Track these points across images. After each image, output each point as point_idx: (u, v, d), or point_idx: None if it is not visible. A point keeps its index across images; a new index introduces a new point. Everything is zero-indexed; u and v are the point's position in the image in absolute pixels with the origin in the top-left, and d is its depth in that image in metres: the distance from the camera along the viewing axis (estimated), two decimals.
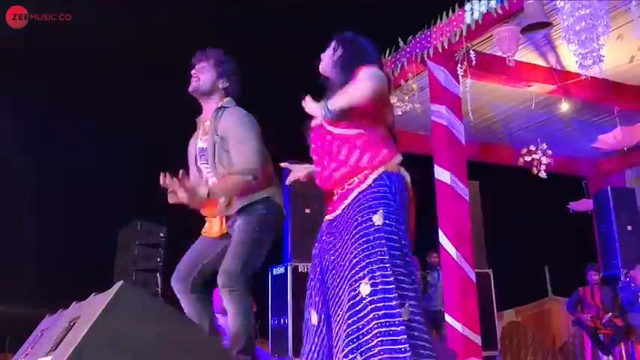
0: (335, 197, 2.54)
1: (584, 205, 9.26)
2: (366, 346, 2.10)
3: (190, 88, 2.99)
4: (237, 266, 2.78)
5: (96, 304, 1.98)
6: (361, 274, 2.21)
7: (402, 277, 2.23)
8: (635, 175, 9.92)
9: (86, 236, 8.33)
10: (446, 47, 6.50)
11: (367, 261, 2.23)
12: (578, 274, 7.56)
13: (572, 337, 7.36)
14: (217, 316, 5.23)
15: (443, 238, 6.06)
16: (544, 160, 8.04)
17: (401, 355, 2.06)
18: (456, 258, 5.85)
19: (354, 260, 2.26)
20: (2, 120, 8.35)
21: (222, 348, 2.25)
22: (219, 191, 2.85)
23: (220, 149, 2.92)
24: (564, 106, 7.38)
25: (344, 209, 2.46)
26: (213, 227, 3.05)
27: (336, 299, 2.33)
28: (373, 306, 2.14)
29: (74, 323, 2.04)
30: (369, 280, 2.18)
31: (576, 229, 9.28)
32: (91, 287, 2.39)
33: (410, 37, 7.10)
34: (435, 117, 6.48)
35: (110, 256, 7.86)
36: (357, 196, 2.42)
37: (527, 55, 6.90)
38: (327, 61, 2.68)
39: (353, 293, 2.19)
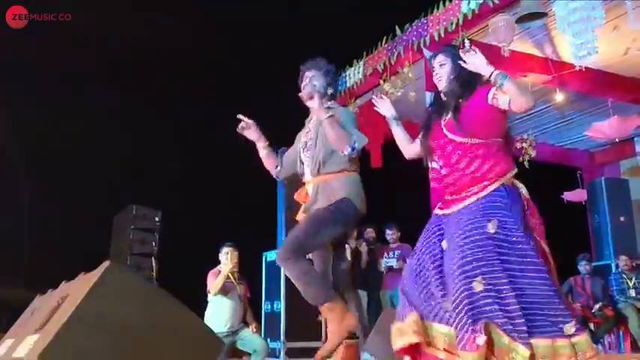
0: (448, 198, 2.82)
1: (578, 195, 9.29)
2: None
3: (307, 94, 3.21)
4: (294, 238, 3.07)
5: (83, 283, 2.02)
6: (472, 273, 2.50)
7: (515, 279, 2.51)
8: (630, 167, 9.96)
9: (82, 220, 8.38)
10: (442, 36, 6.51)
11: (477, 264, 2.51)
12: (570, 263, 7.60)
13: None
14: None
15: None
16: (530, 151, 8.09)
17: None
18: None
19: (466, 259, 2.54)
20: None
21: (210, 331, 2.29)
22: (330, 129, 3.08)
23: (322, 142, 3.21)
24: (559, 97, 7.40)
25: (456, 212, 2.74)
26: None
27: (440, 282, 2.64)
28: (484, 301, 2.46)
29: (62, 302, 2.08)
30: (482, 279, 2.48)
31: (570, 219, 9.32)
32: (86, 271, 2.42)
33: (407, 26, 7.12)
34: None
35: (106, 241, 7.91)
36: (473, 202, 2.69)
37: (523, 45, 6.91)
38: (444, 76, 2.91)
39: (466, 287, 2.49)
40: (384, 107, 3.14)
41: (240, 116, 3.43)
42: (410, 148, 3.09)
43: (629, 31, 6.37)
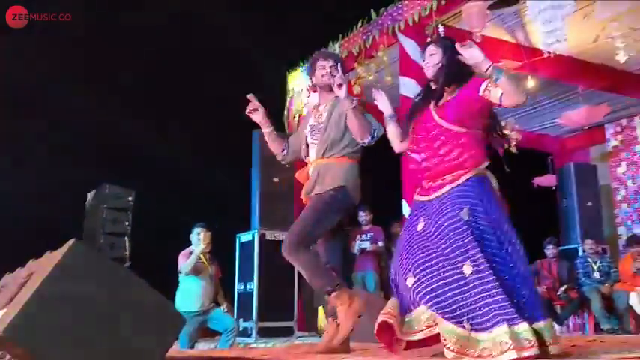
0: (426, 185, 2.94)
1: (549, 180, 9.47)
2: (474, 313, 2.55)
3: (326, 80, 3.40)
4: (298, 229, 3.23)
5: (48, 261, 2.06)
6: (460, 258, 2.64)
7: (497, 259, 2.66)
8: (599, 153, 10.17)
9: (55, 199, 8.35)
10: (416, 21, 6.57)
11: (464, 248, 2.64)
12: (539, 246, 7.77)
13: None
14: None
15: (406, 210, 6.20)
16: (514, 135, 8.20)
17: (505, 311, 2.51)
18: None
19: (453, 246, 2.67)
20: None
21: (175, 311, 2.35)
22: (355, 117, 3.24)
23: (334, 126, 3.36)
24: (531, 83, 7.51)
25: (434, 199, 2.86)
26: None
27: (424, 266, 2.73)
28: (475, 283, 2.59)
29: (28, 279, 2.12)
30: (471, 262, 2.62)
31: (541, 203, 9.50)
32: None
33: (382, 9, 7.16)
34: (403, 90, 6.55)
35: (80, 220, 7.88)
36: (447, 192, 2.81)
37: (496, 32, 7.00)
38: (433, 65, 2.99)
39: (456, 271, 2.63)
40: (382, 103, 3.21)
41: (249, 96, 3.49)
42: (401, 145, 3.18)
43: (599, 19, 6.49)
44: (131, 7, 7.44)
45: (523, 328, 2.48)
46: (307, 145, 3.53)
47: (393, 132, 3.20)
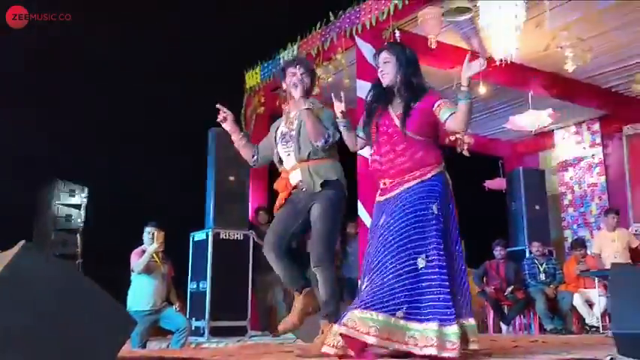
0: (388, 184, 3.06)
1: (499, 183, 9.73)
2: (415, 304, 2.73)
3: (300, 90, 3.46)
4: (323, 246, 3.37)
5: None
6: (418, 250, 2.80)
7: (453, 256, 2.88)
8: (547, 158, 10.48)
9: (6, 195, 8.14)
10: (374, 25, 6.66)
11: (424, 242, 2.81)
12: (489, 248, 7.96)
13: (480, 306, 7.80)
14: None
15: (361, 210, 6.29)
16: (466, 139, 8.39)
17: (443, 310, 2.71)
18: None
19: (411, 237, 2.82)
20: None
21: (125, 312, 2.35)
22: (308, 118, 3.36)
23: (305, 132, 3.44)
24: (483, 89, 7.70)
25: (396, 194, 2.99)
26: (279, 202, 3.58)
27: (380, 259, 2.86)
28: (427, 277, 2.76)
29: None
30: (425, 257, 2.79)
31: (491, 206, 9.73)
32: (6, 248, 2.43)
33: (340, 12, 7.23)
34: (360, 93, 6.62)
35: (31, 216, 7.72)
36: (417, 184, 2.96)
37: (451, 38, 7.15)
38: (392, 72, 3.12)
39: (410, 262, 2.78)
40: (339, 109, 3.29)
41: (219, 106, 3.61)
42: (355, 147, 3.33)
43: (550, 28, 6.69)
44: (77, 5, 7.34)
45: (452, 330, 2.68)
46: (279, 154, 3.60)
47: (349, 139, 3.31)
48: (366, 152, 6.34)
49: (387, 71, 3.12)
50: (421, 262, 2.78)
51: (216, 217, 6.66)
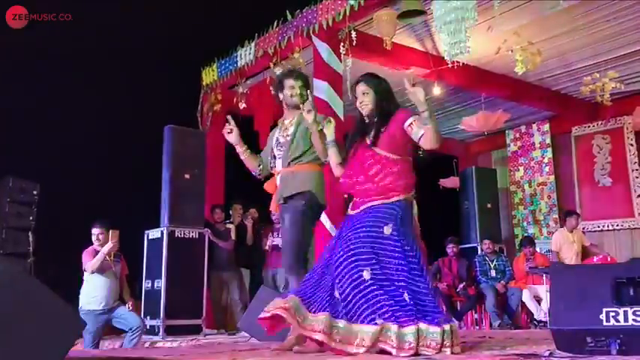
0: (357, 200, 3.26)
1: (453, 182, 9.94)
2: (379, 311, 2.91)
3: (295, 101, 3.67)
4: (294, 251, 3.54)
5: None
6: (363, 263, 3.01)
7: (399, 272, 3.05)
8: (499, 157, 10.75)
9: None
10: (330, 25, 6.72)
11: (368, 256, 3.03)
12: (442, 245, 8.12)
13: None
14: None
15: (323, 216, 6.33)
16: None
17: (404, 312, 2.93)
18: (330, 230, 6.11)
19: (360, 250, 3.04)
20: None
21: (74, 313, 2.35)
22: (316, 139, 3.49)
23: (301, 140, 3.61)
24: (437, 90, 7.84)
25: (361, 211, 3.19)
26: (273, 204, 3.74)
27: (341, 271, 3.07)
28: (371, 288, 2.97)
29: None
30: (371, 270, 3.00)
31: (445, 204, 9.92)
32: None
33: (297, 11, 7.26)
34: (317, 92, 6.68)
35: None
36: (378, 205, 3.14)
37: (406, 40, 7.27)
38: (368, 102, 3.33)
39: (360, 274, 3.00)
40: (327, 130, 3.40)
41: (228, 117, 3.80)
42: (339, 171, 3.44)
43: (502, 32, 6.87)
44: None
45: (409, 330, 2.87)
46: (274, 157, 3.76)
47: (332, 158, 3.44)
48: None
49: (367, 102, 3.32)
50: (366, 274, 2.99)
51: (171, 215, 6.62)
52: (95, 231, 5.39)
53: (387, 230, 3.08)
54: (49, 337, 2.10)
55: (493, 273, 7.76)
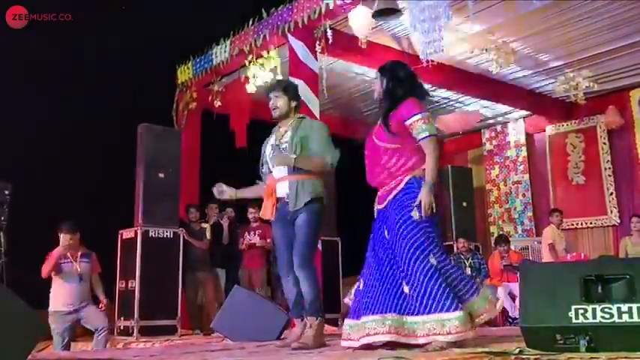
0: (380, 193, 3.30)
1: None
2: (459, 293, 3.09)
3: (275, 115, 3.79)
4: (308, 248, 3.67)
5: None
6: (426, 252, 3.06)
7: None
8: (474, 156, 10.81)
9: None
10: (306, 23, 6.70)
11: (423, 246, 3.06)
12: None
13: None
14: None
15: None
16: None
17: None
18: None
19: (415, 244, 3.06)
20: None
21: (34, 314, 2.30)
22: (302, 161, 3.62)
23: (298, 146, 3.67)
24: None
25: (387, 205, 3.22)
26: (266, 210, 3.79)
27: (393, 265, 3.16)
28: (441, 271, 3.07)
29: None
30: (433, 256, 3.06)
31: None
32: None
33: (273, 10, 7.23)
34: None
35: None
36: (392, 199, 3.18)
37: (382, 38, 7.28)
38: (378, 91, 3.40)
39: (423, 264, 3.04)
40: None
41: (217, 186, 3.92)
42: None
43: (476, 32, 6.91)
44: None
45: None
46: (269, 163, 3.82)
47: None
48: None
49: (376, 87, 3.41)
50: (433, 260, 3.05)
51: (145, 215, 6.53)
52: (60, 234, 5.37)
53: (415, 215, 3.09)
54: (10, 338, 2.06)
55: (468, 271, 7.79)
